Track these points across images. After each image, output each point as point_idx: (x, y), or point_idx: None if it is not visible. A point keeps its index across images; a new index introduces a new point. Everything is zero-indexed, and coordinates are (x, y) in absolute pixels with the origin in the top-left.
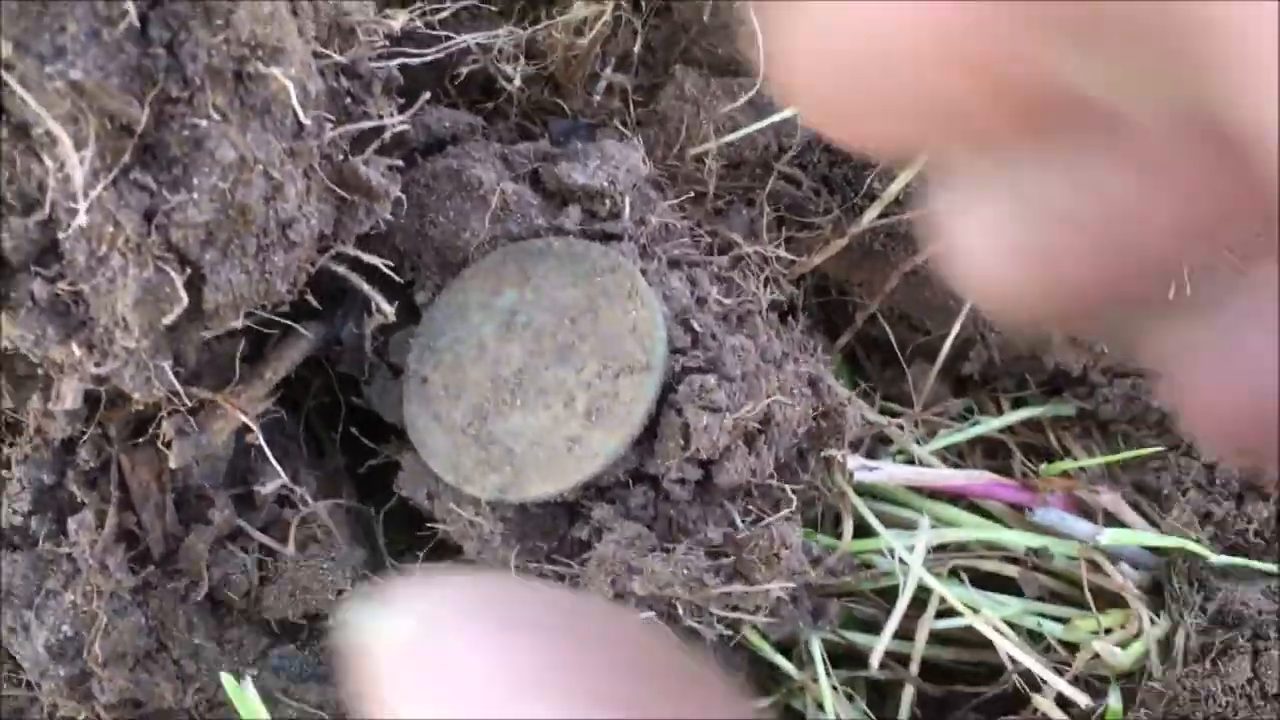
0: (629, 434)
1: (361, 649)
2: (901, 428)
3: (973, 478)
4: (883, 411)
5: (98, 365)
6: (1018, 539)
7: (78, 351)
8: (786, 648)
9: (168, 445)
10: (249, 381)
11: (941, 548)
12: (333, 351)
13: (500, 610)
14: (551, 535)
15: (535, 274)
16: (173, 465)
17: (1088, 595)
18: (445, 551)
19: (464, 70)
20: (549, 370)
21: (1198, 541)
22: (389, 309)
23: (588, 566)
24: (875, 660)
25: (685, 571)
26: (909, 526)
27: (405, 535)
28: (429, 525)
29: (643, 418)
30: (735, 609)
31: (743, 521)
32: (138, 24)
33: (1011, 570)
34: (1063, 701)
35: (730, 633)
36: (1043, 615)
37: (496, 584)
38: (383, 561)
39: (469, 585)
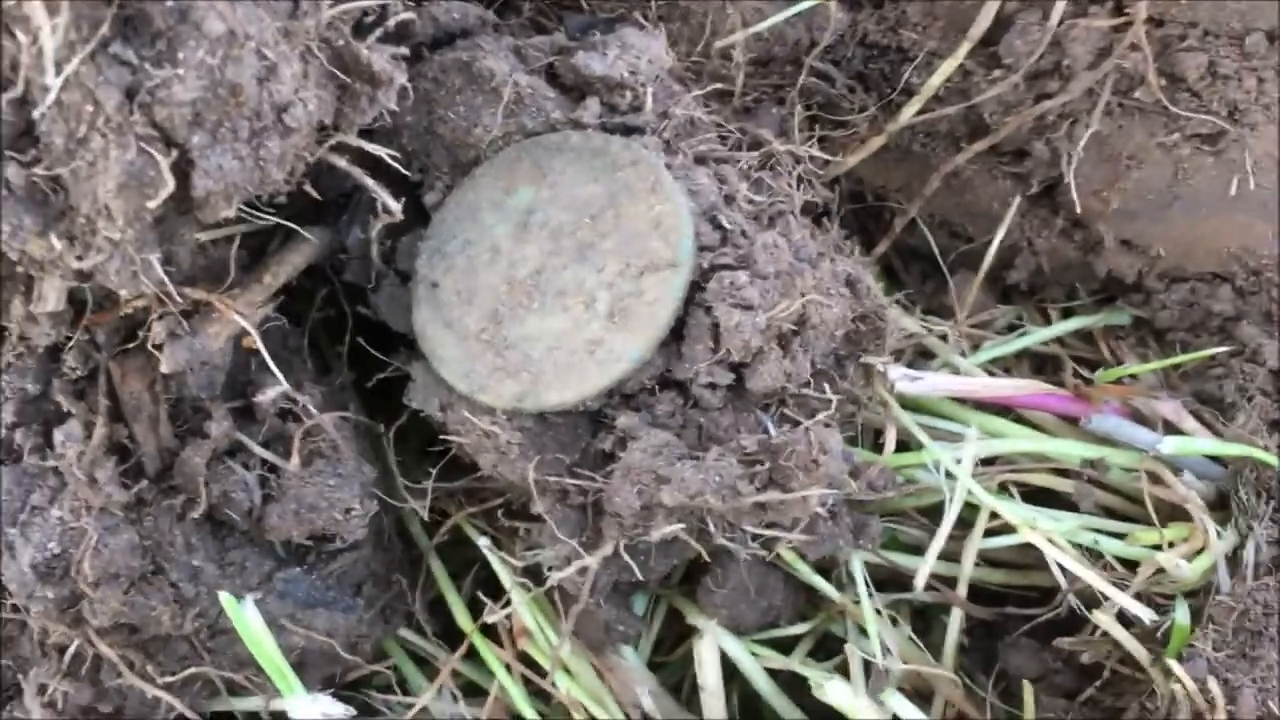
0: (654, 335)
1: None
2: (944, 339)
3: (1021, 387)
4: (924, 324)
5: (80, 259)
6: (1072, 450)
7: (58, 244)
8: (825, 570)
9: (159, 350)
10: (247, 285)
11: (989, 462)
12: (337, 259)
13: None
14: (573, 447)
15: (552, 170)
16: (164, 370)
17: (1149, 508)
18: (459, 469)
19: None
20: (568, 270)
21: (1265, 450)
22: (396, 207)
23: (613, 477)
24: (920, 581)
25: (718, 479)
26: (954, 440)
27: (416, 451)
28: (442, 439)
29: (669, 318)
30: (771, 525)
31: (777, 430)
32: None
33: (1065, 485)
34: (1123, 620)
35: (764, 552)
36: (1099, 531)
37: None
38: (394, 480)
39: None
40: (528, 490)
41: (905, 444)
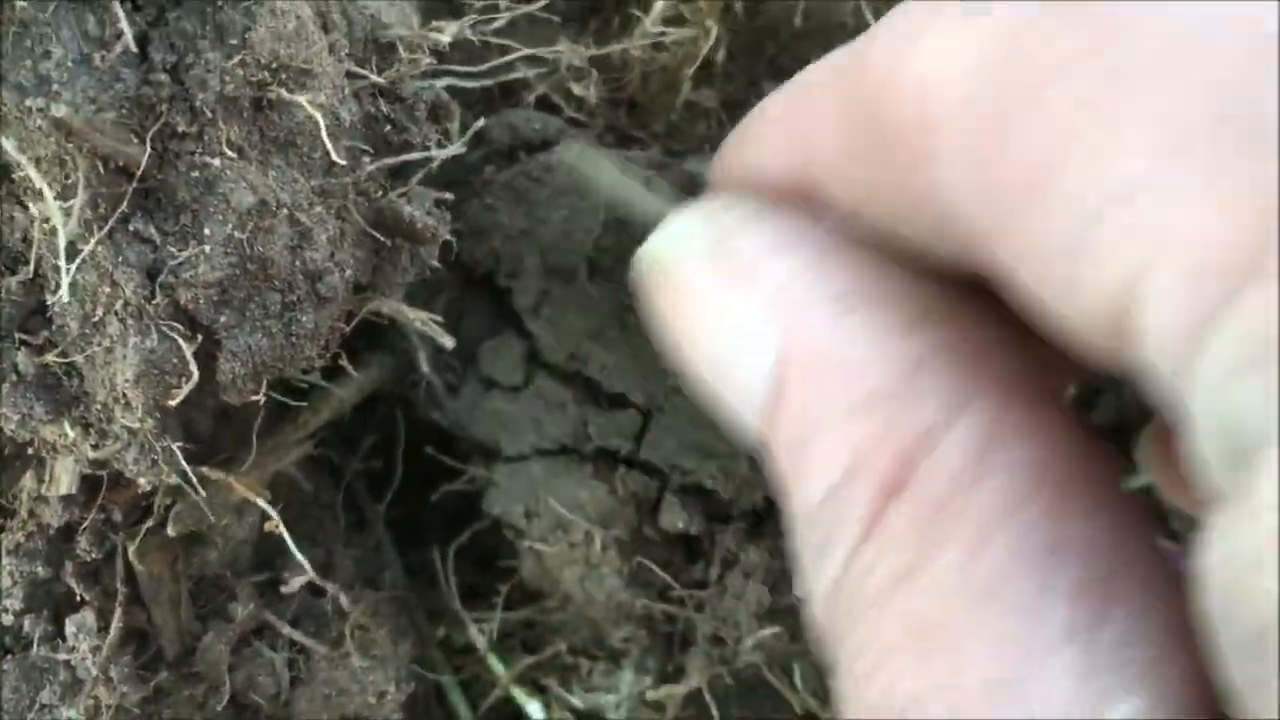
0: None
1: (660, 250)
2: None
3: None
4: None
5: (95, 447)
6: None
7: (71, 431)
8: None
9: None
10: (275, 449)
11: None
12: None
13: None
14: (666, 571)
15: None
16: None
17: None
18: (525, 596)
19: (528, 96)
20: None
21: None
22: (449, 343)
23: (729, 581)
24: None
25: None
26: None
27: (463, 592)
28: (505, 564)
29: None
30: None
31: None
32: (135, 46)
33: None
34: None
35: None
36: None
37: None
38: (431, 643)
39: (770, 210)
40: (605, 617)
41: None
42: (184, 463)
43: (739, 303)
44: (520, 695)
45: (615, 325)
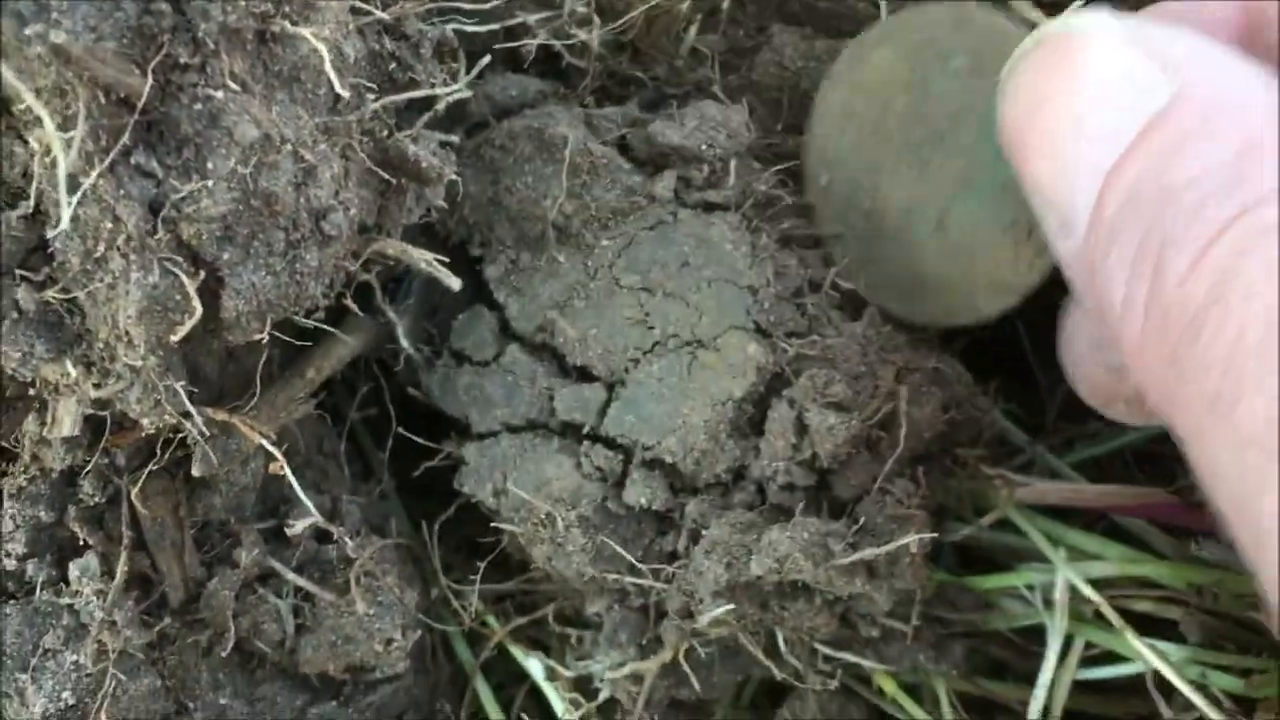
0: None
1: (1072, 21)
2: (1033, 439)
3: (1142, 496)
4: (1007, 417)
5: (97, 386)
6: (1179, 574)
7: (73, 371)
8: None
9: (186, 476)
10: (280, 392)
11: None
12: (385, 349)
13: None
14: (635, 544)
15: None
16: (195, 473)
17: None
18: (508, 568)
19: (528, 42)
20: None
21: None
22: (456, 283)
23: (693, 556)
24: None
25: (805, 535)
26: (1038, 556)
27: (463, 549)
28: (490, 538)
29: None
30: (844, 646)
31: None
32: None
33: (1172, 611)
34: None
35: (832, 680)
36: (1208, 665)
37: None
38: (437, 590)
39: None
40: (582, 590)
41: (985, 556)
42: (188, 402)
43: (1139, 62)
44: (519, 653)
45: (581, 294)
